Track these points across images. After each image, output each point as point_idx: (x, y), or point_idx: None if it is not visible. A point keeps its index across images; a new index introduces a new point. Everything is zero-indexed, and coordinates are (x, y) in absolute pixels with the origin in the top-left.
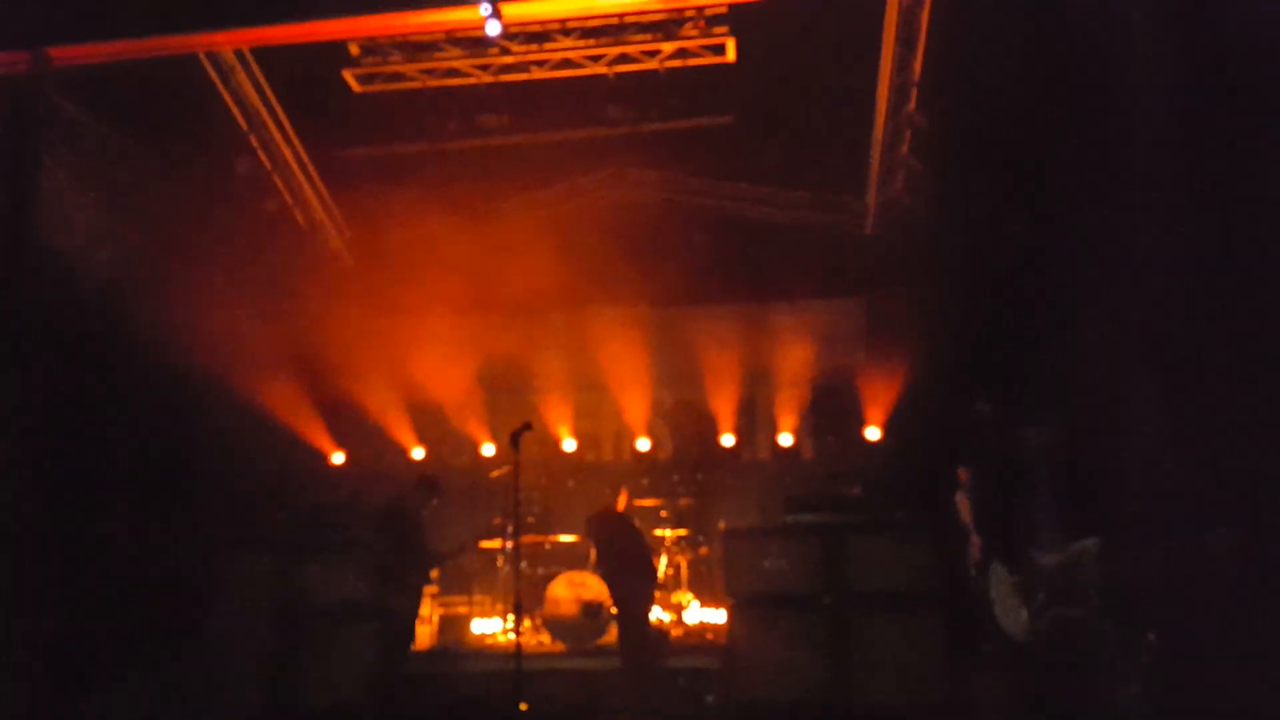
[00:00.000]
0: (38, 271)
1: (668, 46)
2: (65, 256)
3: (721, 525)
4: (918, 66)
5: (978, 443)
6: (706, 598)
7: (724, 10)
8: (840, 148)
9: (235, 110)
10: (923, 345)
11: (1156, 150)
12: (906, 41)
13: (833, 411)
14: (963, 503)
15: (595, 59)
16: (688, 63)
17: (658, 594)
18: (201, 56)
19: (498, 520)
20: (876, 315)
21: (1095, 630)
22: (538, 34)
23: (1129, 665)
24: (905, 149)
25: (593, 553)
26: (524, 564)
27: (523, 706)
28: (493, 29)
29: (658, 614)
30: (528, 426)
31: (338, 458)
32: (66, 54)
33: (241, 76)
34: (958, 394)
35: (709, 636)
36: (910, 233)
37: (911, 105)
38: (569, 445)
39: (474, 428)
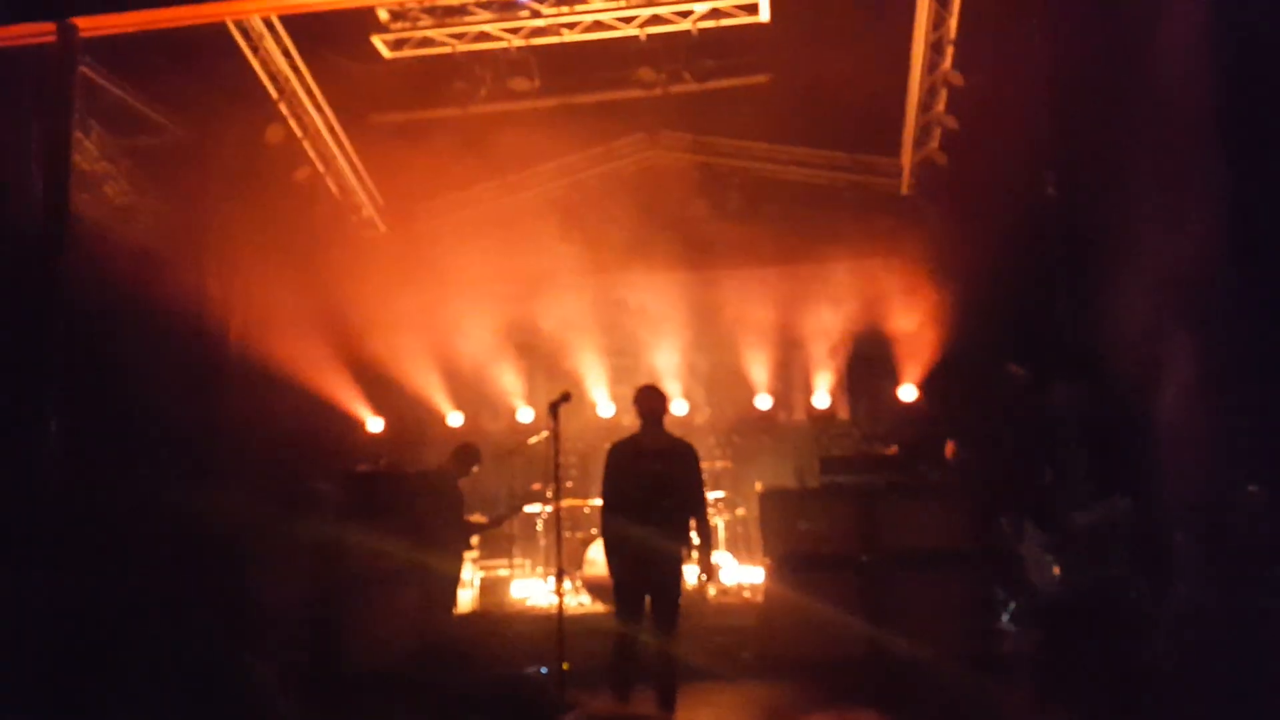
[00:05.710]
0: (72, 244)
1: (700, 6)
2: (98, 228)
3: (758, 487)
4: (953, 24)
5: (1010, 402)
6: (743, 557)
7: None
8: (875, 107)
9: (264, 78)
10: (957, 305)
11: (1192, 107)
12: None
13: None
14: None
15: (627, 20)
16: (720, 23)
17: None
18: (230, 24)
19: (536, 485)
20: (911, 276)
21: (1127, 586)
22: None
23: (1159, 621)
24: (940, 108)
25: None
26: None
27: (565, 666)
28: None
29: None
30: (566, 397)
31: (376, 424)
32: (94, 24)
33: (270, 44)
34: (991, 354)
35: (745, 595)
36: (945, 193)
37: (947, 64)
38: (606, 410)
39: (510, 393)
